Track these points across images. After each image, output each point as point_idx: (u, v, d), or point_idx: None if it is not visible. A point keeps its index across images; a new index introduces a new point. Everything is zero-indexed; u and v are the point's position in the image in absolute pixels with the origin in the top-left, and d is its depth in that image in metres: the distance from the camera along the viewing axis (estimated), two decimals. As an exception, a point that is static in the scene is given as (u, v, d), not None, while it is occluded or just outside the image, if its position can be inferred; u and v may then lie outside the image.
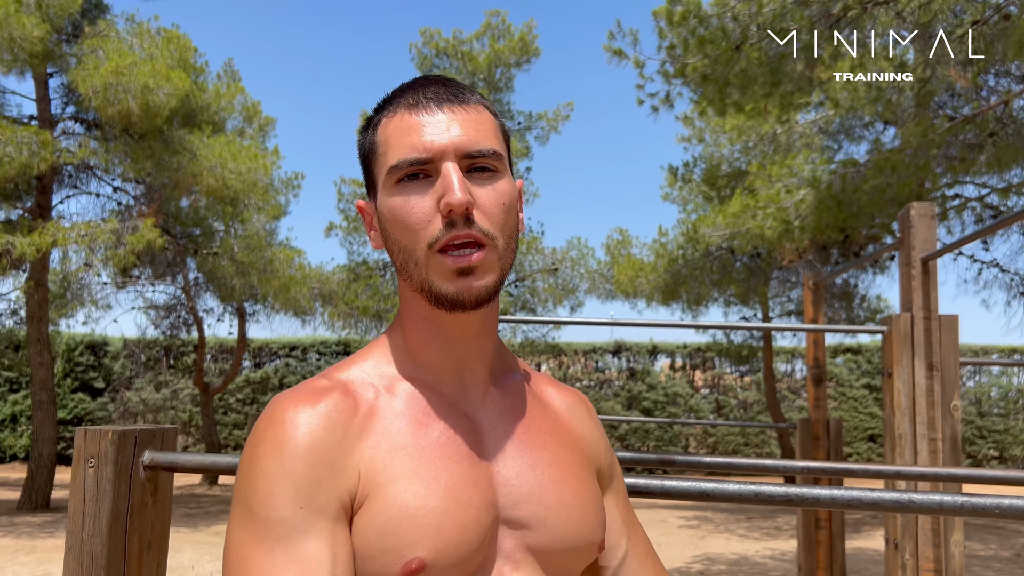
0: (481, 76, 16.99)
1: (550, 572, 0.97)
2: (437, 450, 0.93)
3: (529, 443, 1.01)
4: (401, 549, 0.86)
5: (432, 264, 0.93)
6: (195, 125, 12.15)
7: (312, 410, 0.91)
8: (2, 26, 9.78)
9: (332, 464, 0.89)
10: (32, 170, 10.29)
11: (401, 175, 0.94)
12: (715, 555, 9.69)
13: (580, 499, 1.00)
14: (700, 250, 12.72)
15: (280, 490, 0.86)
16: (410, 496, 0.88)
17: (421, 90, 0.98)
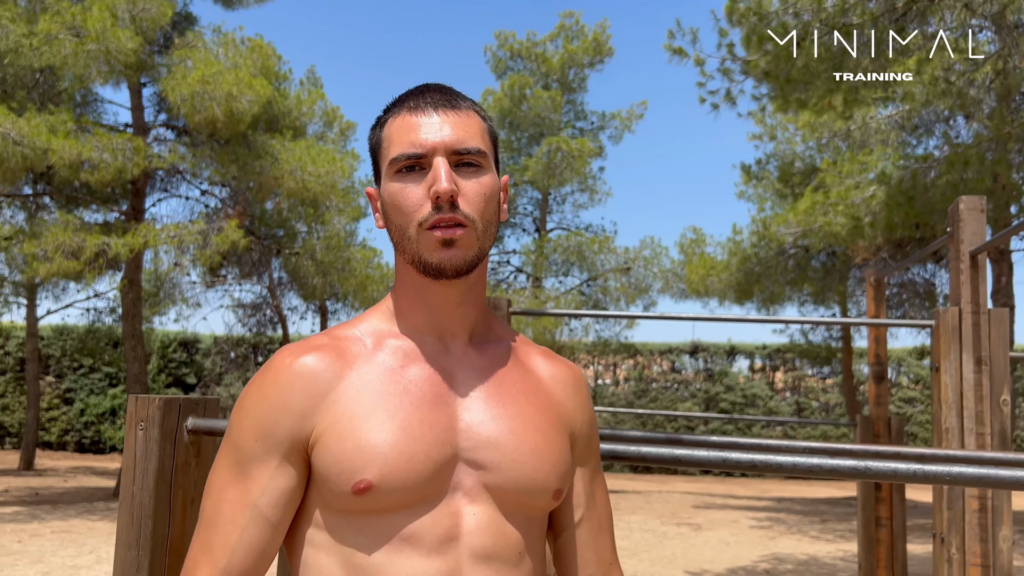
0: (555, 77, 17.16)
1: (504, 509, 1.11)
2: (401, 393, 1.09)
3: (498, 398, 1.16)
4: (352, 472, 1.04)
5: (422, 239, 1.10)
6: (277, 130, 12.67)
7: (297, 362, 1.10)
8: (99, 40, 10.41)
9: (298, 409, 1.08)
10: (126, 175, 10.91)
11: (400, 166, 1.11)
12: (784, 555, 9.61)
13: (537, 450, 1.13)
14: (774, 248, 12.59)
15: (248, 424, 1.09)
16: (365, 430, 1.06)
17: (421, 96, 1.15)
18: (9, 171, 10.21)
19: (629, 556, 9.25)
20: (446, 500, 1.08)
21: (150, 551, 1.86)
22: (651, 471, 21.69)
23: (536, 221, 17.75)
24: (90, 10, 10.67)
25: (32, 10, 11.42)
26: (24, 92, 11.40)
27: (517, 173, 16.58)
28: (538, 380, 1.23)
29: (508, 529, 1.11)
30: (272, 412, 1.08)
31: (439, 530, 1.07)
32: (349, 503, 1.05)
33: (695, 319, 5.05)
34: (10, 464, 18.59)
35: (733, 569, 8.71)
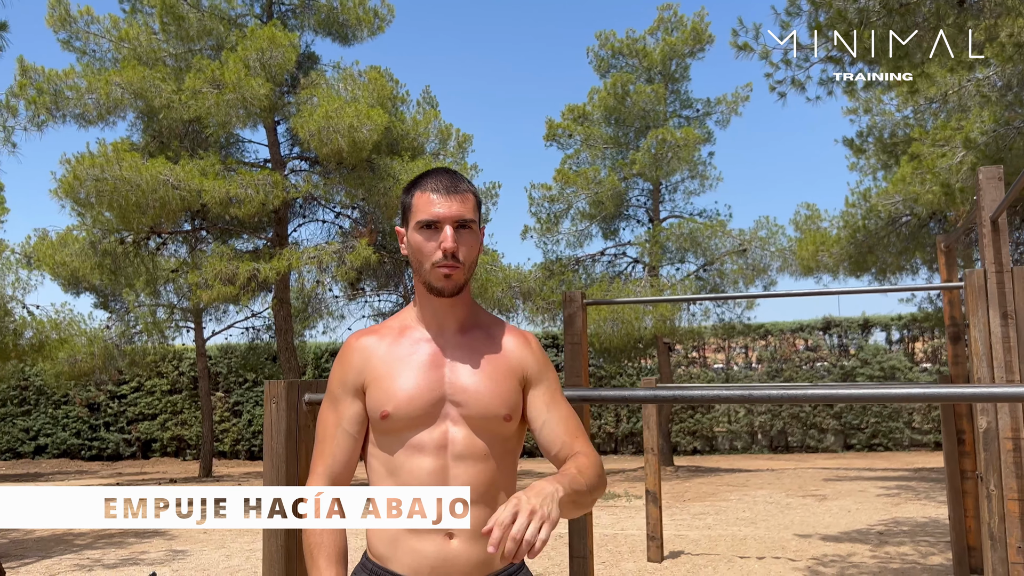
0: (657, 70, 17.58)
1: (473, 428, 1.86)
2: (410, 361, 1.88)
3: (471, 362, 1.91)
4: (379, 406, 1.83)
5: (432, 273, 1.85)
6: (397, 153, 13.79)
7: (357, 341, 1.93)
8: (235, 89, 11.80)
9: (356, 368, 1.90)
10: (268, 206, 12.27)
11: (423, 225, 1.84)
12: (904, 519, 9.82)
13: (490, 391, 1.87)
14: (884, 220, 12.65)
15: (334, 378, 1.94)
16: (387, 382, 1.85)
17: (437, 181, 1.85)
18: (171, 212, 11.74)
19: (747, 524, 9.72)
20: (438, 424, 1.84)
21: (285, 484, 2.73)
22: (790, 450, 21.70)
23: (649, 211, 18.22)
24: (226, 64, 12.08)
25: (179, 68, 13.00)
26: (177, 142, 12.99)
27: (625, 167, 17.13)
28: (500, 346, 1.96)
29: (476, 441, 1.85)
30: (345, 370, 1.90)
31: (434, 442, 1.82)
32: (380, 425, 1.84)
33: (755, 296, 5.61)
34: (192, 472, 20.74)
35: (847, 532, 9.05)
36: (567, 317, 5.55)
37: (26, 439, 24.80)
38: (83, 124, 12.63)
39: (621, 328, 15.58)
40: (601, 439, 22.50)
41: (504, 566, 1.83)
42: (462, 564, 1.75)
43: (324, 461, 1.88)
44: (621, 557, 7.93)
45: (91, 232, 13.07)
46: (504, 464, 1.90)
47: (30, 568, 8.49)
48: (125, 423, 24.47)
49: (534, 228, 17.63)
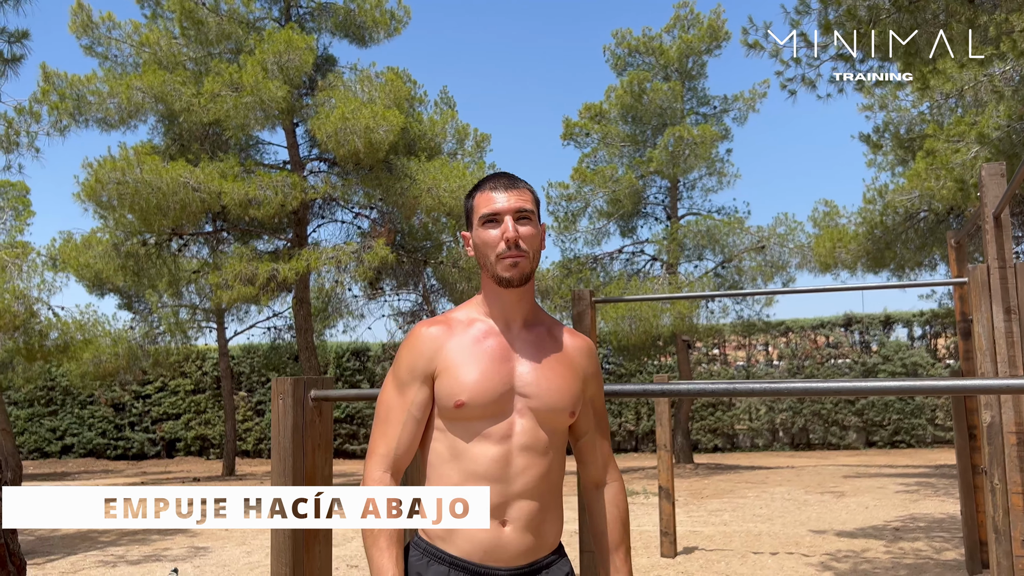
0: (674, 67, 17.59)
1: (539, 421, 1.94)
2: (481, 353, 1.93)
3: (538, 357, 1.99)
4: (454, 396, 1.88)
5: (499, 264, 1.91)
6: (414, 153, 13.92)
7: (427, 329, 1.96)
8: (254, 92, 11.96)
9: (427, 356, 1.93)
10: (287, 207, 12.44)
11: (485, 220, 1.93)
12: (921, 515, 9.80)
13: (559, 388, 1.97)
14: (901, 216, 12.60)
15: (403, 364, 1.96)
16: (461, 372, 1.90)
17: (496, 181, 1.96)
18: (191, 214, 11.93)
19: (763, 521, 9.74)
20: (507, 415, 1.91)
21: (291, 479, 2.83)
22: (811, 447, 21.62)
23: (667, 209, 18.23)
24: (244, 67, 12.25)
25: (199, 72, 13.20)
26: (197, 144, 13.19)
27: (643, 165, 17.15)
28: (563, 346, 2.05)
29: (540, 433, 1.93)
30: (415, 357, 1.94)
31: (500, 431, 1.89)
32: (451, 413, 1.89)
33: (768, 293, 5.66)
34: (215, 471, 21.00)
35: (862, 528, 9.05)
36: (576, 315, 5.62)
37: (53, 439, 25.20)
38: (105, 128, 12.86)
39: (639, 326, 15.62)
40: (621, 437, 22.52)
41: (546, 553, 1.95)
42: (512, 550, 1.87)
43: (388, 443, 1.93)
44: (635, 552, 7.99)
45: (114, 234, 13.29)
46: (559, 457, 2.00)
47: (56, 564, 8.68)
48: (150, 423, 24.80)
49: (552, 227, 17.69)
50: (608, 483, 2.12)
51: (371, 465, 1.95)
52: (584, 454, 2.10)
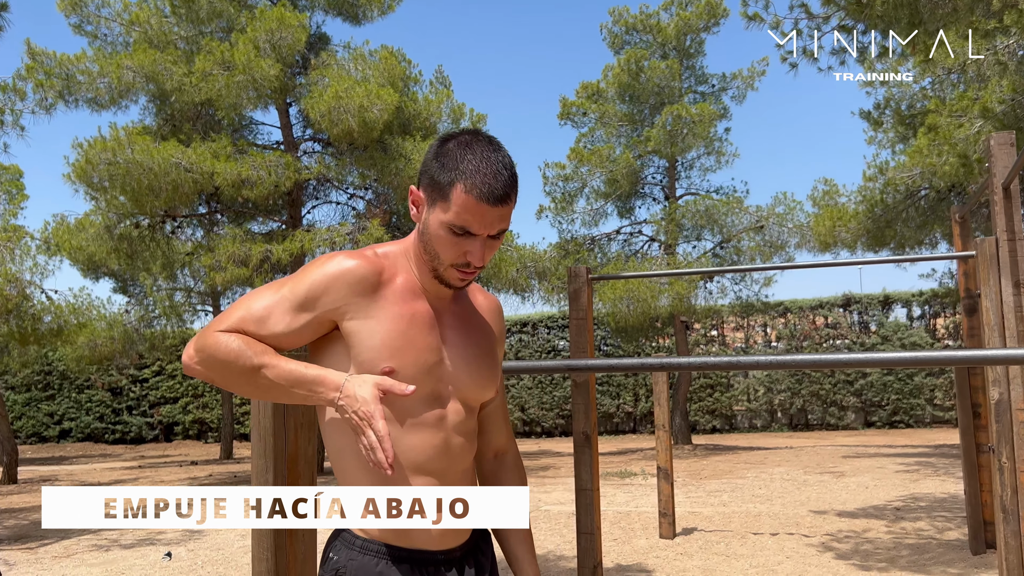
0: (672, 46, 17.37)
1: (469, 401, 1.76)
2: (410, 316, 1.67)
3: (465, 329, 1.80)
4: (377, 360, 1.57)
5: (449, 271, 1.62)
6: (409, 133, 13.73)
7: (355, 264, 1.59)
8: (245, 71, 11.76)
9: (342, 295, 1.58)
10: (281, 188, 12.27)
11: (454, 231, 1.56)
12: (922, 495, 9.72)
13: (488, 365, 1.80)
14: (901, 193, 12.45)
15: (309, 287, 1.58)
16: (386, 332, 1.58)
17: (492, 187, 1.54)
18: (184, 195, 11.76)
19: (763, 501, 9.66)
20: (438, 395, 1.69)
21: (273, 459, 2.70)
22: (810, 427, 21.56)
23: (665, 189, 18.07)
24: (236, 45, 12.05)
25: (190, 51, 12.99)
26: (189, 125, 12.99)
27: (640, 145, 16.97)
28: (480, 311, 1.86)
29: (470, 413, 1.77)
30: (326, 287, 1.57)
31: (436, 415, 1.68)
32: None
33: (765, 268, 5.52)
34: (212, 455, 20.94)
35: (863, 508, 8.97)
36: (572, 292, 5.49)
37: (51, 423, 25.13)
38: (96, 108, 12.66)
39: (637, 307, 15.50)
40: (620, 419, 22.46)
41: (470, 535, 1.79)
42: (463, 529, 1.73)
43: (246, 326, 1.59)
44: (634, 534, 7.90)
45: (106, 216, 13.12)
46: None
47: (48, 548, 8.59)
48: (147, 407, 24.73)
49: (549, 207, 17.54)
50: (508, 450, 1.95)
51: (205, 332, 1.58)
52: (489, 422, 1.90)
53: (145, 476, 15.65)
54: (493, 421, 1.92)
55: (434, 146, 1.64)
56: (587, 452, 5.34)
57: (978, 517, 6.47)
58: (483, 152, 1.57)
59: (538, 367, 2.69)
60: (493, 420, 1.92)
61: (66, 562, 7.83)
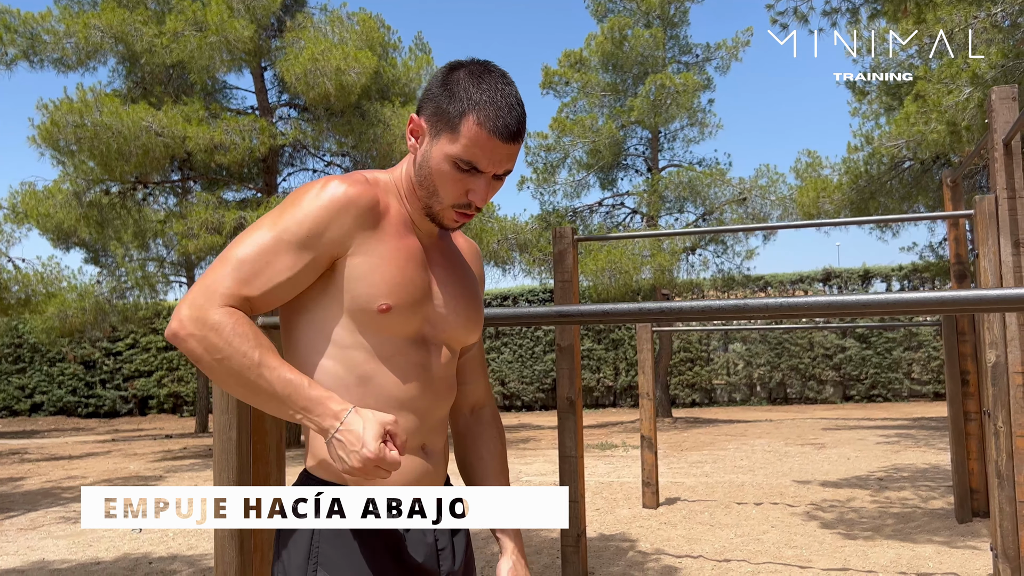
0: (655, 14, 17.11)
1: (453, 343, 1.63)
2: (404, 250, 1.52)
3: (451, 269, 1.66)
4: (376, 296, 1.44)
5: (445, 212, 1.50)
6: (387, 98, 13.42)
7: (356, 193, 1.43)
8: (218, 31, 11.40)
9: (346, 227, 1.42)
10: (255, 154, 11.95)
11: (461, 163, 1.43)
12: (904, 465, 9.67)
13: (473, 306, 1.66)
14: (886, 164, 12.33)
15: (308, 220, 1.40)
16: (386, 267, 1.46)
17: (507, 122, 1.42)
18: (154, 160, 11.41)
19: (744, 472, 9.57)
20: (425, 334, 1.56)
21: (236, 415, 2.49)
22: (789, 401, 21.60)
23: (648, 160, 17.87)
24: (209, 5, 11.67)
25: (160, 12, 12.58)
26: (160, 88, 12.61)
27: (623, 115, 16.74)
28: (462, 252, 1.75)
29: (453, 356, 1.64)
30: (329, 219, 1.41)
31: (421, 353, 1.55)
32: (372, 320, 1.45)
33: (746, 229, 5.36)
34: (188, 428, 20.66)
35: (846, 478, 8.90)
36: (557, 253, 5.30)
37: (22, 396, 24.71)
38: (62, 69, 12.23)
39: (619, 279, 15.34)
40: (600, 392, 22.40)
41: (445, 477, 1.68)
42: (435, 476, 1.60)
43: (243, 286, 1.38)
44: (616, 504, 7.78)
45: (75, 182, 12.74)
46: None
47: (15, 520, 8.35)
48: (121, 380, 24.38)
49: (531, 179, 17.31)
50: (486, 404, 1.83)
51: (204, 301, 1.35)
52: (468, 372, 1.79)
53: (119, 449, 15.37)
54: (471, 371, 1.81)
55: (441, 73, 1.49)
56: (571, 418, 5.17)
57: (965, 486, 6.39)
58: (497, 84, 1.45)
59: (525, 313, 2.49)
60: (471, 370, 1.81)
61: (32, 534, 7.60)
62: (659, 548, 6.04)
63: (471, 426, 1.80)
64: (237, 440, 2.54)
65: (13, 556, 6.70)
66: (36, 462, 13.68)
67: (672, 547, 6.05)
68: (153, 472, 11.74)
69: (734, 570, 5.38)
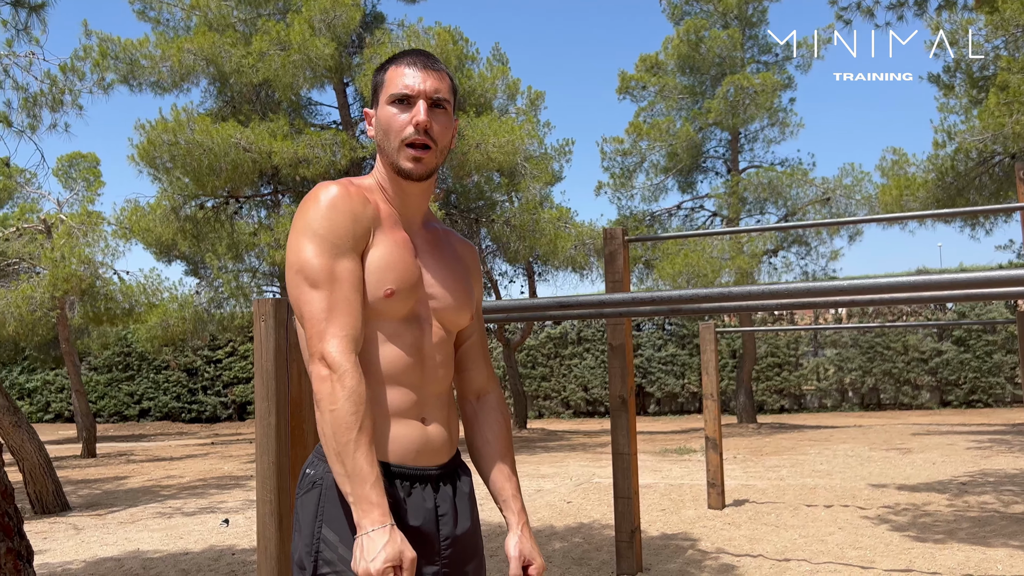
0: (732, 14, 16.97)
1: (445, 323, 1.81)
2: (399, 243, 1.74)
3: (439, 257, 1.85)
4: (384, 282, 1.67)
5: (401, 152, 1.70)
6: (462, 109, 13.72)
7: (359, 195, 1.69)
8: (300, 50, 11.92)
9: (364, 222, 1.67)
10: (336, 166, 12.42)
11: (395, 99, 1.69)
12: (992, 471, 9.34)
13: (461, 289, 1.85)
14: (975, 160, 11.94)
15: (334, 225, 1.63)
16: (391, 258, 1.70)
17: (414, 57, 1.73)
18: (243, 174, 12.00)
19: (822, 476, 9.41)
20: (418, 313, 1.76)
21: (275, 402, 2.72)
22: (882, 407, 20.95)
23: (727, 162, 17.69)
24: (292, 26, 12.21)
25: (248, 33, 13.22)
26: (248, 105, 13.24)
27: (701, 117, 16.65)
28: (453, 248, 1.93)
29: (445, 335, 1.82)
30: (350, 218, 1.65)
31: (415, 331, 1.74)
32: (378, 304, 1.67)
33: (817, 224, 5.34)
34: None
35: (926, 483, 8.66)
36: (608, 255, 5.41)
37: (131, 403, 26.09)
38: (159, 92, 13.00)
39: (697, 283, 15.24)
40: (684, 398, 22.21)
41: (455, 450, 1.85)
42: (436, 445, 1.75)
43: (344, 317, 1.60)
44: (683, 505, 7.79)
45: (172, 198, 13.49)
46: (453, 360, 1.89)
47: (116, 515, 8.92)
48: (221, 387, 25.45)
49: (608, 184, 17.37)
50: (491, 390, 1.98)
51: (336, 347, 1.56)
52: (469, 360, 1.95)
53: (216, 452, 16.12)
54: (472, 359, 1.96)
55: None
56: (623, 416, 5.27)
57: (1043, 488, 6.17)
58: (408, 50, 1.78)
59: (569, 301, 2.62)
60: (472, 357, 1.96)
61: (130, 527, 8.11)
62: (720, 547, 6.06)
63: (477, 412, 1.95)
64: (276, 425, 2.77)
65: (112, 546, 7.19)
66: (140, 463, 14.49)
67: (733, 547, 6.06)
68: (245, 472, 12.30)
69: (792, 569, 5.36)
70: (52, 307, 15.39)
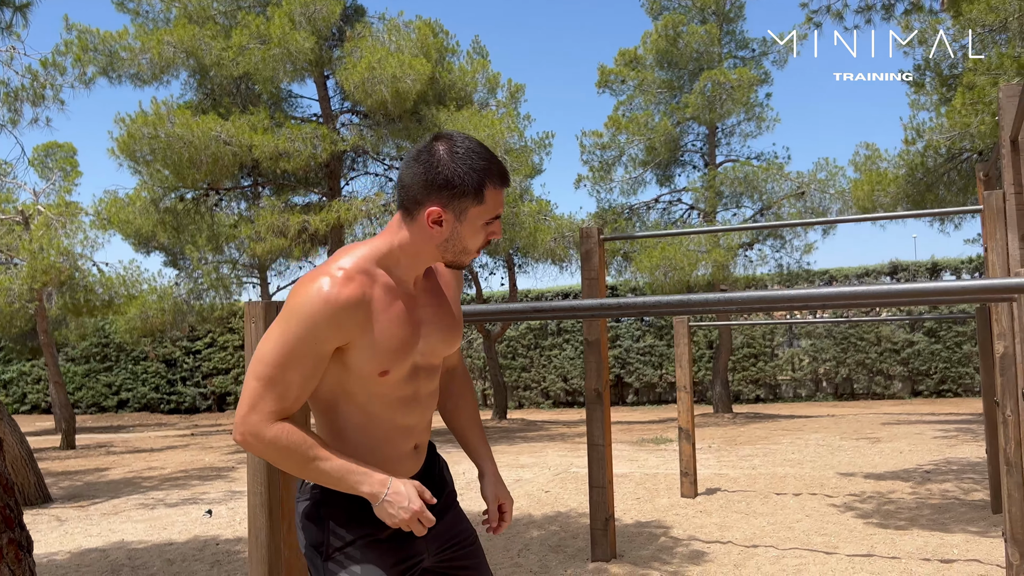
0: (710, 10, 17.15)
1: (438, 360, 1.97)
2: (394, 317, 1.84)
3: (435, 303, 1.98)
4: (379, 365, 1.78)
5: (466, 255, 1.83)
6: (443, 103, 13.84)
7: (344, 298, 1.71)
8: (281, 43, 11.98)
9: (344, 329, 1.73)
10: (316, 159, 12.52)
11: (491, 219, 1.79)
12: (956, 459, 9.63)
13: (451, 326, 1.98)
14: (944, 156, 12.20)
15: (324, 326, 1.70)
16: (383, 341, 1.80)
17: (503, 173, 1.78)
18: (223, 167, 12.06)
19: (792, 465, 9.67)
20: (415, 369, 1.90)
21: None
22: (855, 397, 21.33)
23: (704, 156, 17.92)
24: (272, 19, 12.26)
25: (228, 26, 13.24)
26: (228, 99, 13.28)
27: (679, 111, 16.84)
28: (445, 282, 2.03)
29: (436, 377, 1.99)
30: (327, 327, 1.71)
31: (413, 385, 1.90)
32: (374, 382, 1.81)
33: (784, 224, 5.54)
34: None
35: (892, 471, 8.93)
36: (584, 253, 5.58)
37: (109, 394, 26.03)
38: (138, 84, 13.02)
39: (674, 275, 15.47)
40: (662, 388, 22.49)
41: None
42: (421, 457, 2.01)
43: (282, 404, 1.74)
44: (657, 493, 8.01)
45: (152, 190, 13.51)
46: None
47: (99, 506, 9.01)
48: (200, 378, 25.46)
49: (587, 176, 17.55)
50: (458, 364, 2.24)
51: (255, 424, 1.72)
52: (455, 383, 2.25)
53: (196, 443, 16.18)
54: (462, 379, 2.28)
55: (424, 164, 1.75)
56: (599, 409, 5.45)
57: (999, 476, 6.43)
58: (473, 147, 1.76)
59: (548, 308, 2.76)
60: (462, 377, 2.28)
61: (114, 519, 8.21)
62: (691, 534, 6.28)
63: (448, 383, 2.22)
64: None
65: (96, 537, 7.30)
66: (120, 454, 14.54)
67: (704, 533, 6.28)
68: (226, 464, 12.40)
69: (760, 555, 5.58)
70: (31, 299, 15.37)
